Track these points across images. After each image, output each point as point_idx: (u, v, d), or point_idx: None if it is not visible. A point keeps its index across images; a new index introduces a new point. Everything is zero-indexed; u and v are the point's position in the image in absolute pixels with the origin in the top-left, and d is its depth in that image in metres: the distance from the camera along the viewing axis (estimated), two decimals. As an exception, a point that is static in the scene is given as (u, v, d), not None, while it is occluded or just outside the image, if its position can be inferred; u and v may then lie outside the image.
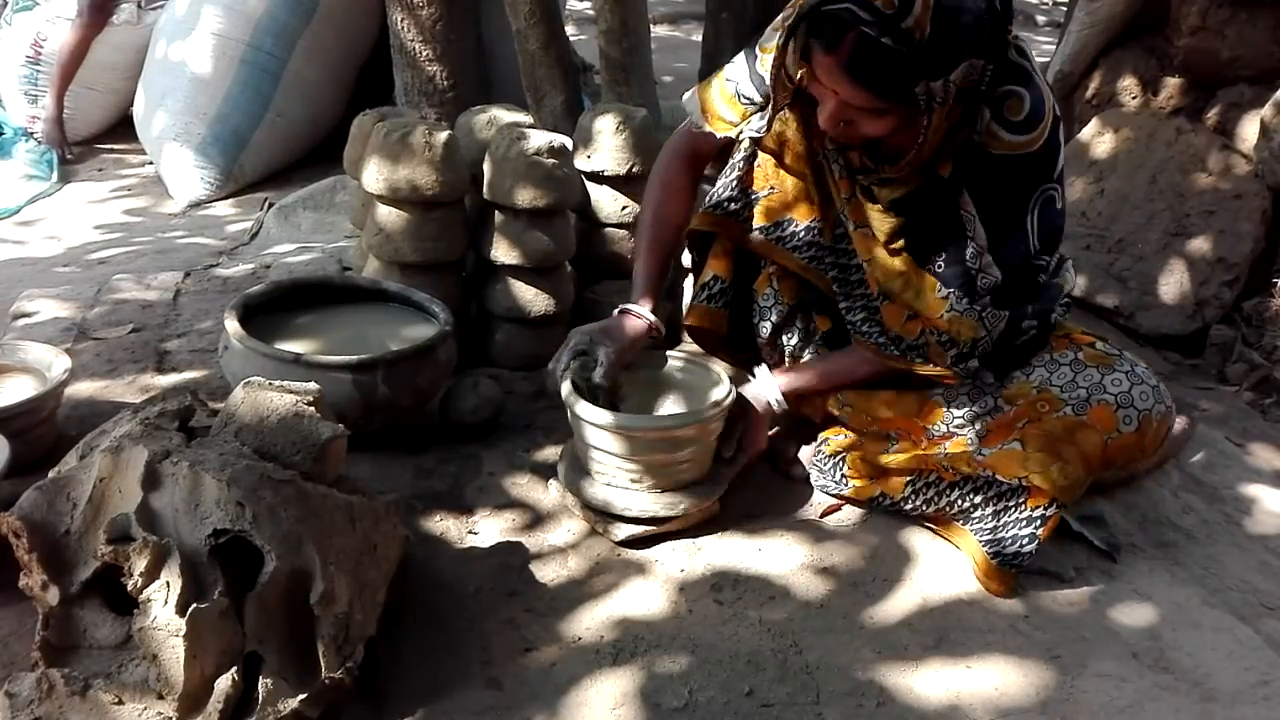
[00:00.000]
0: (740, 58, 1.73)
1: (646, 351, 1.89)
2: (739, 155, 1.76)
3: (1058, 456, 1.58)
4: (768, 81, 1.64)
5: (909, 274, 1.63)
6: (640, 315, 1.81)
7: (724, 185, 1.78)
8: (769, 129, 1.67)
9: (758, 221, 1.75)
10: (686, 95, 1.85)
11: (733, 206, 1.76)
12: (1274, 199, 2.71)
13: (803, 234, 1.72)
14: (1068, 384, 1.63)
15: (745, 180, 1.75)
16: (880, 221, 1.62)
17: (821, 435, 1.86)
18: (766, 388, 1.82)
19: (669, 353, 1.92)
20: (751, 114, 1.73)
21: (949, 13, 1.37)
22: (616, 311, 1.84)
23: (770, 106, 1.63)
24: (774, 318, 1.83)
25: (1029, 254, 1.59)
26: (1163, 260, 2.76)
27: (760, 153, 1.73)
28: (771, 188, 1.73)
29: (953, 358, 1.64)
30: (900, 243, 1.62)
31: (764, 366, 1.86)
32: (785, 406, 1.82)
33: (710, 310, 1.86)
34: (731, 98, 1.74)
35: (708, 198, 1.80)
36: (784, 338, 1.85)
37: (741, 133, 1.74)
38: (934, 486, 1.73)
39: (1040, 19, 8.29)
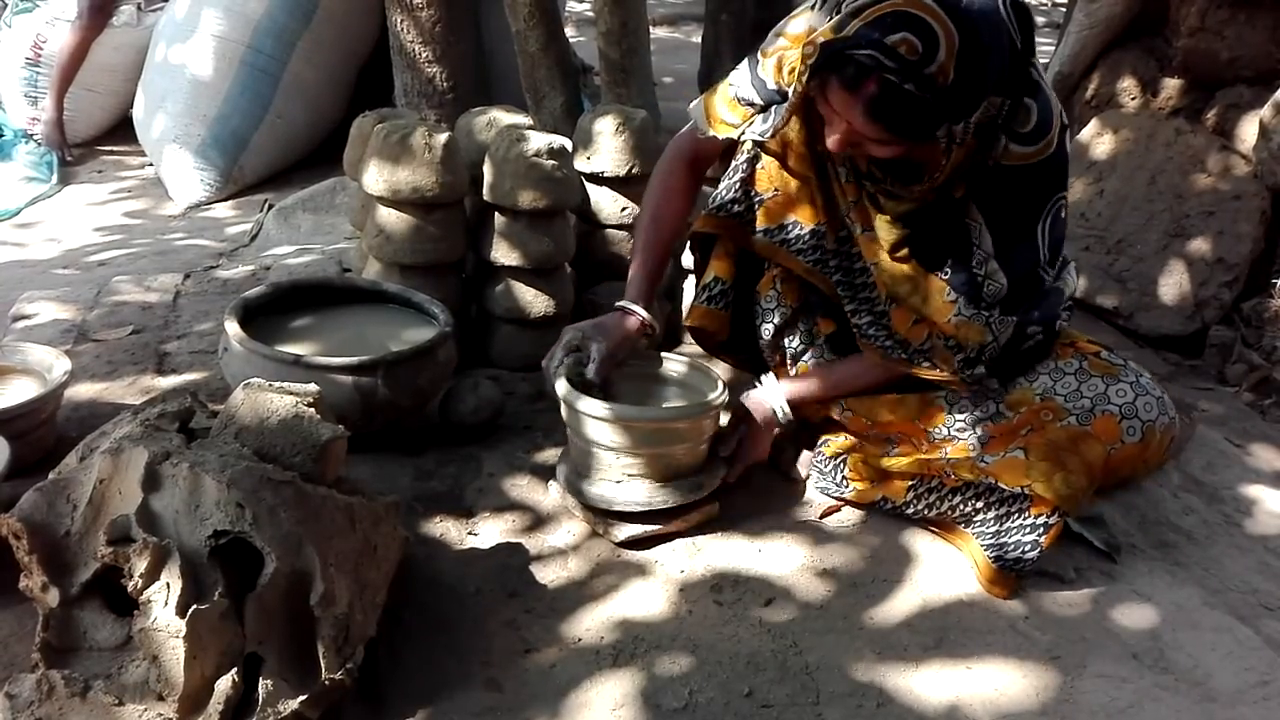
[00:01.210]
0: (743, 63, 1.72)
1: (644, 352, 1.89)
2: (742, 157, 1.75)
3: (1061, 466, 1.57)
4: (769, 85, 1.64)
5: (916, 277, 1.62)
6: (634, 313, 1.80)
7: (727, 187, 1.77)
8: (773, 132, 1.65)
9: (761, 224, 1.74)
10: (693, 104, 1.83)
11: (736, 209, 1.76)
12: (1273, 200, 2.71)
13: (807, 237, 1.71)
14: (1072, 393, 1.62)
15: (748, 182, 1.75)
16: (886, 231, 1.62)
17: (822, 437, 1.86)
18: (771, 395, 1.81)
19: (666, 354, 1.92)
20: (753, 116, 1.72)
21: (974, 57, 1.35)
22: (616, 308, 1.83)
23: (775, 111, 1.61)
24: (776, 320, 1.82)
25: (1037, 262, 1.59)
26: (1162, 261, 2.77)
27: (763, 155, 1.73)
28: (775, 190, 1.72)
29: (960, 363, 1.64)
30: (905, 251, 1.61)
31: (770, 375, 1.85)
32: (790, 415, 1.81)
33: (711, 311, 1.85)
34: (733, 101, 1.73)
35: (711, 199, 1.79)
36: (786, 340, 1.84)
37: (744, 135, 1.73)
38: (935, 492, 1.73)
39: (1039, 19, 8.29)
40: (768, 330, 1.84)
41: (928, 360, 1.67)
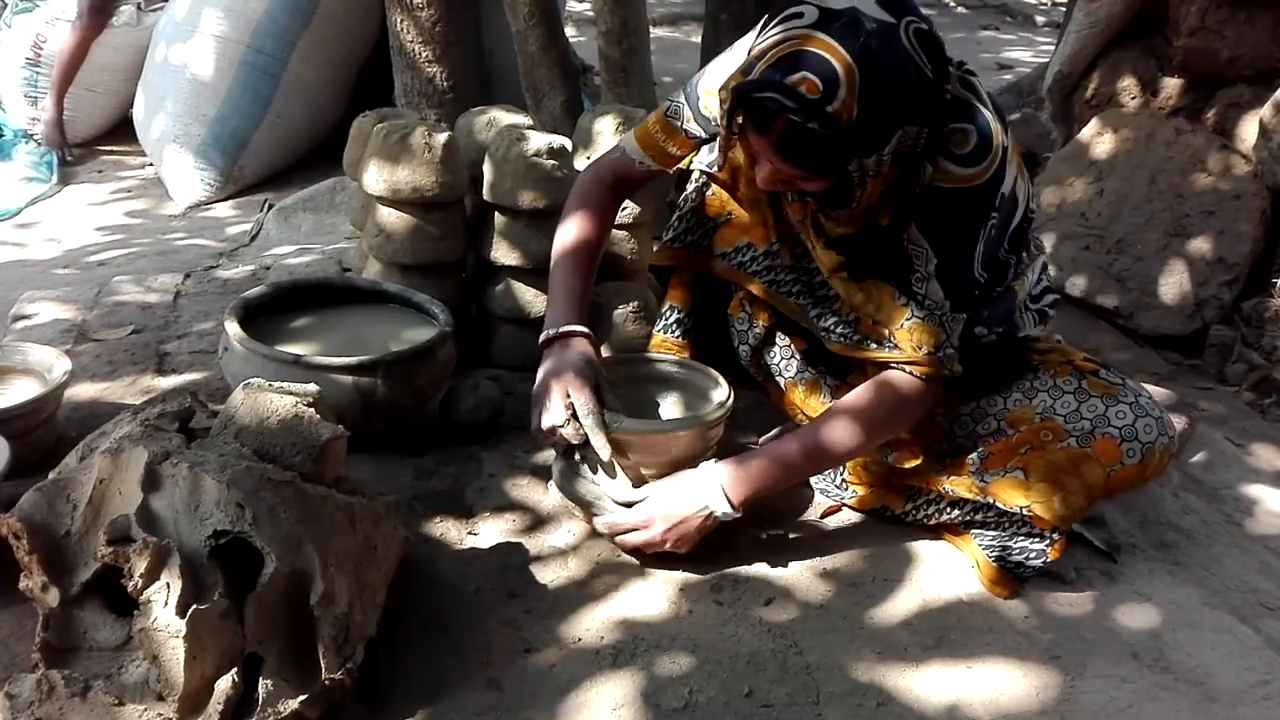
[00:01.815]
0: (680, 97, 1.71)
1: (644, 355, 1.88)
2: (691, 187, 1.79)
3: (1060, 487, 1.57)
4: (713, 122, 1.65)
5: (869, 287, 1.60)
6: (579, 333, 1.68)
7: (679, 218, 1.80)
8: (723, 164, 1.67)
9: (718, 249, 1.76)
10: (623, 137, 1.83)
11: (690, 238, 1.79)
12: (1273, 199, 2.71)
13: (761, 258, 1.73)
14: (1071, 413, 1.62)
15: (700, 210, 1.77)
16: (823, 255, 1.62)
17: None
18: (708, 490, 1.58)
19: (665, 356, 1.91)
20: (697, 146, 1.74)
21: (876, 92, 1.34)
22: (549, 340, 1.68)
23: (720, 145, 1.61)
24: (752, 340, 1.83)
25: (973, 281, 1.58)
26: (1162, 260, 2.76)
27: (712, 185, 1.76)
28: (728, 214, 1.75)
29: (928, 353, 1.57)
30: (844, 275, 1.61)
31: (712, 463, 1.62)
32: (735, 516, 1.59)
33: (669, 340, 1.88)
34: (676, 133, 1.72)
35: (665, 232, 1.81)
36: (767, 358, 1.84)
37: (693, 165, 1.77)
38: (935, 504, 1.73)
39: (1040, 19, 8.30)
40: (745, 351, 1.84)
41: (898, 348, 1.61)
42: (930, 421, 1.73)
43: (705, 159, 1.77)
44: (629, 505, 1.65)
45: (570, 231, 1.76)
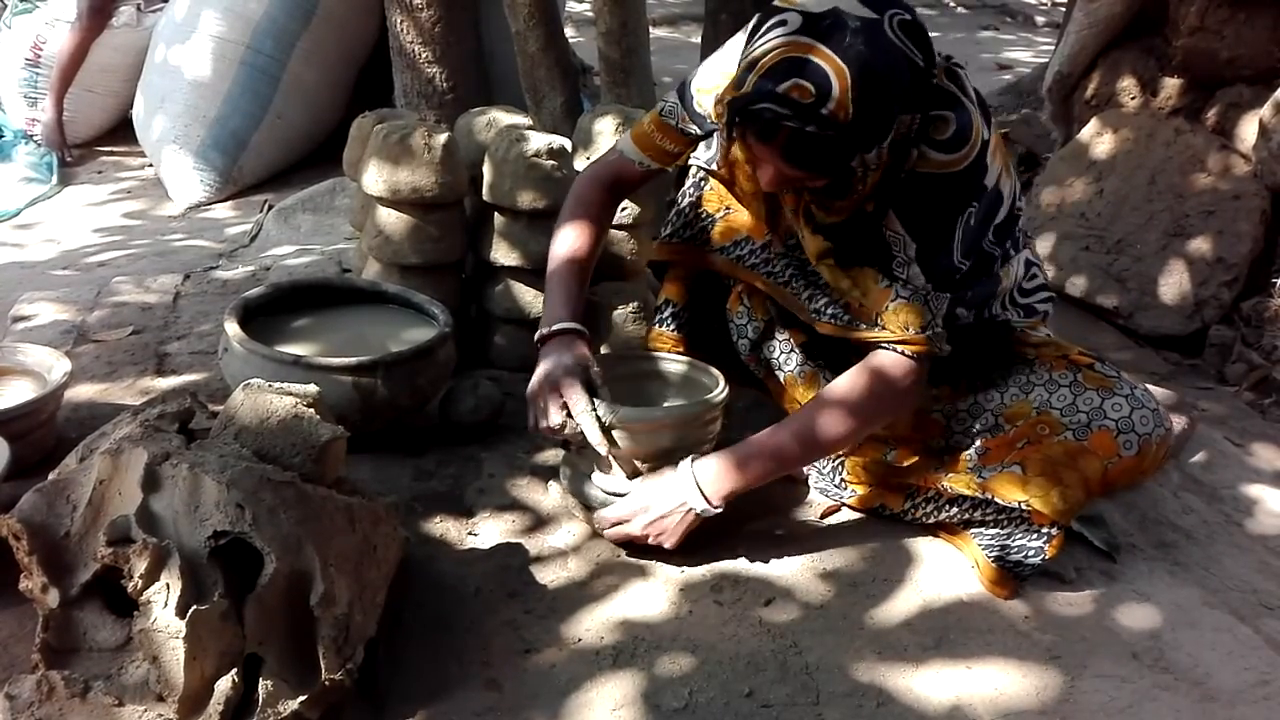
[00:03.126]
0: (673, 97, 1.73)
1: (642, 352, 1.89)
2: (689, 183, 1.81)
3: (1058, 481, 1.57)
4: (708, 120, 1.68)
5: (853, 273, 1.61)
6: (574, 330, 1.69)
7: (678, 213, 1.82)
8: (722, 163, 1.69)
9: (717, 242, 1.77)
10: (619, 139, 1.85)
11: (688, 233, 1.80)
12: (1273, 199, 2.71)
13: (759, 250, 1.74)
14: (1068, 407, 1.62)
15: (698, 205, 1.79)
16: (810, 242, 1.63)
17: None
18: (686, 488, 1.58)
19: (664, 353, 1.91)
20: (693, 142, 1.76)
21: (870, 89, 1.35)
22: (543, 338, 1.70)
23: (716, 138, 1.65)
24: (751, 334, 1.84)
25: (952, 268, 1.58)
26: (1162, 260, 2.76)
27: (710, 180, 1.78)
28: (726, 208, 1.77)
29: (918, 330, 1.57)
30: (830, 261, 1.62)
31: (693, 460, 1.62)
32: (716, 511, 1.60)
33: (665, 334, 1.90)
34: (671, 131, 1.74)
35: (664, 228, 1.83)
36: (766, 352, 1.85)
37: (691, 163, 1.79)
38: (933, 502, 1.74)
39: (1039, 19, 8.29)
40: (744, 345, 1.85)
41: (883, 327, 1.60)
42: (927, 418, 1.73)
43: (704, 156, 1.78)
44: (621, 497, 1.66)
45: (567, 232, 1.78)
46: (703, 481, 1.58)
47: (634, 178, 1.83)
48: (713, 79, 1.66)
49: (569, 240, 1.77)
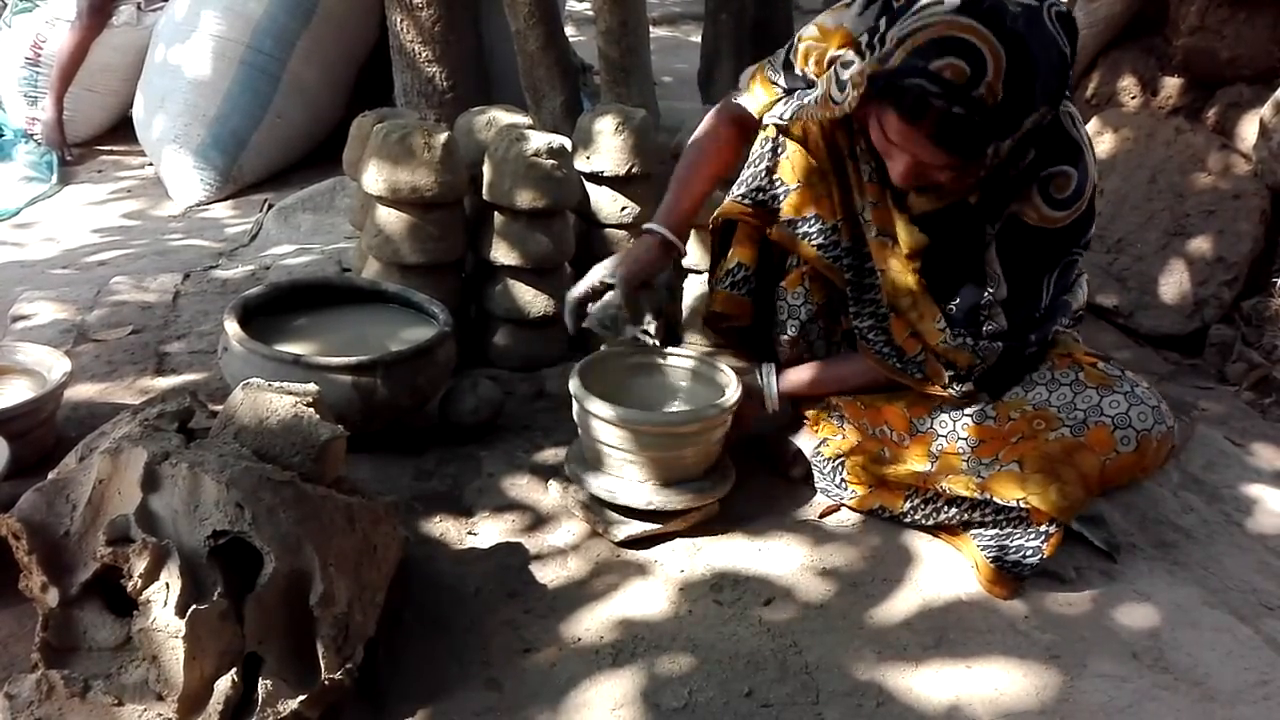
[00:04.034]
0: (782, 49, 1.75)
1: (654, 348, 1.89)
2: (765, 146, 1.77)
3: (1056, 478, 1.58)
4: (795, 72, 1.69)
5: (918, 295, 1.65)
6: (658, 234, 1.79)
7: (752, 174, 1.79)
8: (793, 118, 1.68)
9: (786, 214, 1.76)
10: (745, 71, 1.86)
11: (761, 196, 1.78)
12: (1273, 198, 2.71)
13: (828, 231, 1.74)
14: (1066, 404, 1.63)
15: (773, 171, 1.77)
16: (906, 234, 1.63)
17: (821, 436, 1.86)
18: (766, 375, 1.86)
19: (675, 350, 1.92)
20: (780, 98, 1.75)
21: (1022, 73, 1.35)
22: (641, 231, 1.84)
23: (798, 96, 1.67)
24: (803, 316, 1.84)
25: (1036, 309, 1.62)
26: (1162, 260, 2.76)
27: (788, 145, 1.74)
28: (799, 182, 1.75)
29: (950, 378, 1.68)
30: (918, 263, 1.63)
31: (770, 365, 1.88)
32: (776, 402, 1.85)
33: (735, 297, 1.87)
34: (766, 80, 1.77)
35: (736, 186, 1.81)
36: (814, 336, 1.87)
37: (765, 121, 1.76)
38: (932, 503, 1.74)
39: (1039, 19, 8.28)
40: (793, 327, 1.85)
41: (920, 372, 1.71)
42: (920, 401, 1.76)
43: (779, 111, 1.74)
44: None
45: (703, 148, 1.83)
46: (774, 379, 1.84)
47: (753, 124, 1.83)
48: (821, 31, 1.65)
49: (701, 156, 1.82)
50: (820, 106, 1.57)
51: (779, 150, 1.76)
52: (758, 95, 1.79)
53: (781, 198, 1.76)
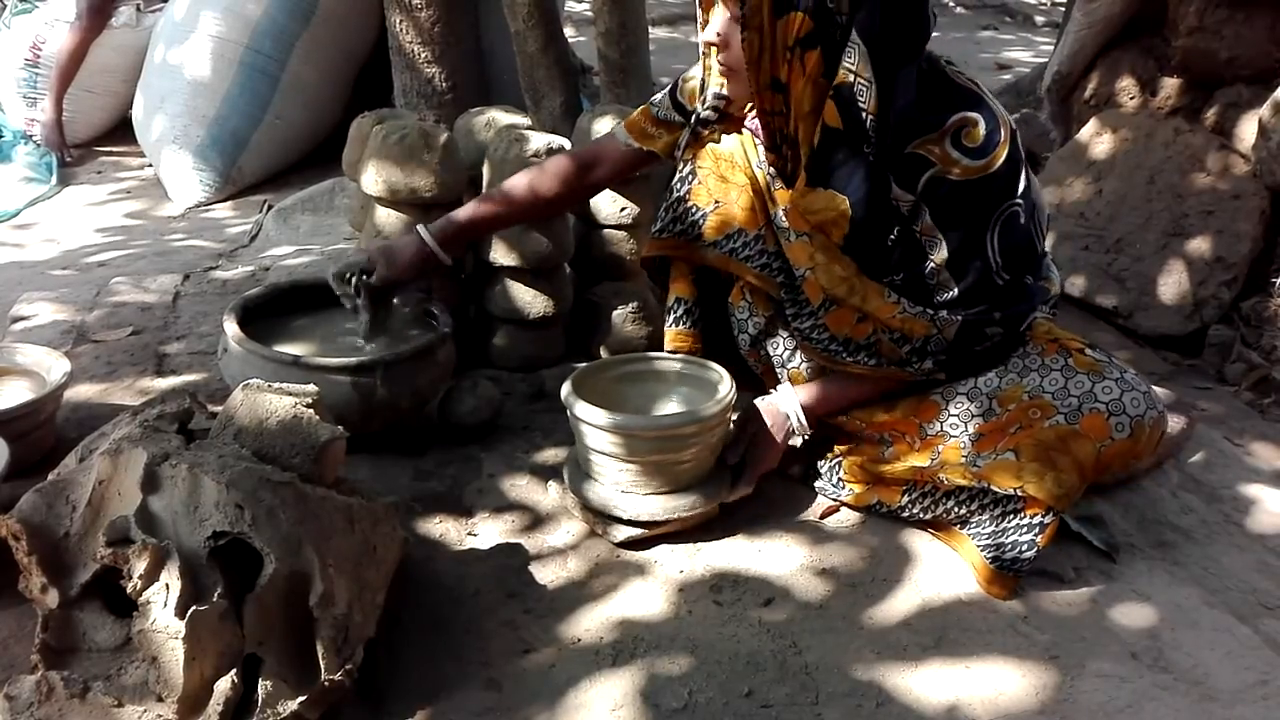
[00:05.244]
0: (664, 92, 1.88)
1: (647, 353, 1.89)
2: (677, 178, 1.81)
3: (1052, 466, 1.58)
4: (687, 108, 1.83)
5: (852, 279, 1.66)
6: (422, 240, 1.91)
7: (667, 208, 1.81)
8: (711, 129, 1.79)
9: (709, 237, 1.77)
10: (615, 126, 1.97)
11: (679, 227, 1.80)
12: (1272, 199, 2.71)
13: (752, 243, 1.75)
14: (1059, 390, 1.63)
15: (686, 200, 1.79)
16: (827, 203, 1.65)
17: (820, 437, 1.86)
18: (786, 401, 1.80)
19: (669, 354, 1.92)
20: (670, 127, 1.87)
21: None
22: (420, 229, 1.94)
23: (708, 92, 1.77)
24: (751, 330, 1.84)
25: (987, 270, 1.62)
26: (1161, 260, 2.76)
27: (699, 172, 1.77)
28: (716, 202, 1.76)
29: (906, 353, 1.67)
30: (843, 239, 1.66)
31: (786, 383, 1.84)
32: (804, 424, 1.79)
33: (682, 333, 1.89)
34: (655, 120, 1.88)
35: (654, 224, 1.84)
36: (769, 348, 1.85)
37: (694, 117, 1.81)
38: (930, 496, 1.74)
39: (1039, 19, 8.30)
40: (745, 340, 1.85)
41: (873, 357, 1.70)
42: (926, 400, 1.74)
43: (701, 112, 1.80)
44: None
45: (534, 172, 1.95)
46: (797, 401, 1.80)
47: (612, 155, 1.93)
48: (695, 72, 1.79)
49: (520, 180, 1.95)
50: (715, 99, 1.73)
51: (691, 179, 1.79)
52: (650, 133, 1.90)
53: (701, 223, 1.77)
